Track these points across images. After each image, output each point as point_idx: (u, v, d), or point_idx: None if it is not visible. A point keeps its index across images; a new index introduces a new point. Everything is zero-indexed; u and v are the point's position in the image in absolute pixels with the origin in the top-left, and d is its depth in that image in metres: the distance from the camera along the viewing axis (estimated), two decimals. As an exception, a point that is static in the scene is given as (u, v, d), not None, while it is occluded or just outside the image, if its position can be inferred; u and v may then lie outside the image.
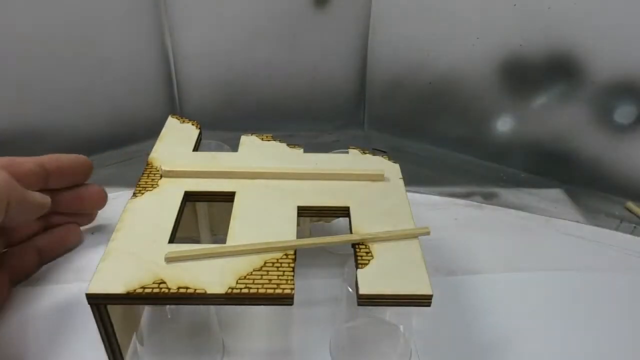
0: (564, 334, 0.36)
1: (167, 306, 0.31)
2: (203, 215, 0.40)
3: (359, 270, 0.29)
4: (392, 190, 0.36)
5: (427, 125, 0.60)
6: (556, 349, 0.35)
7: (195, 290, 0.28)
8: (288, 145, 0.40)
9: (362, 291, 0.28)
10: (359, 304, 0.28)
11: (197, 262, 0.29)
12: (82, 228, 0.42)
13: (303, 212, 0.34)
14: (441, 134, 0.60)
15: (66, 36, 0.52)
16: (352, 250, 0.31)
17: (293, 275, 0.29)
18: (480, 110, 0.57)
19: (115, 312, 0.30)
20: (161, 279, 0.28)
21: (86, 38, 0.53)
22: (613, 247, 0.44)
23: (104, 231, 0.42)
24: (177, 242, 0.31)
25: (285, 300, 0.28)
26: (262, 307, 0.36)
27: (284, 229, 0.32)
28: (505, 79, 0.54)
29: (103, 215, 0.42)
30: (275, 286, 0.28)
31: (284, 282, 0.28)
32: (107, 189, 0.42)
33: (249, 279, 0.28)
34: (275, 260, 0.30)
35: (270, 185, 0.36)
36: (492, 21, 0.51)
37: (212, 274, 0.29)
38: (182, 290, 0.28)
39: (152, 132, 0.42)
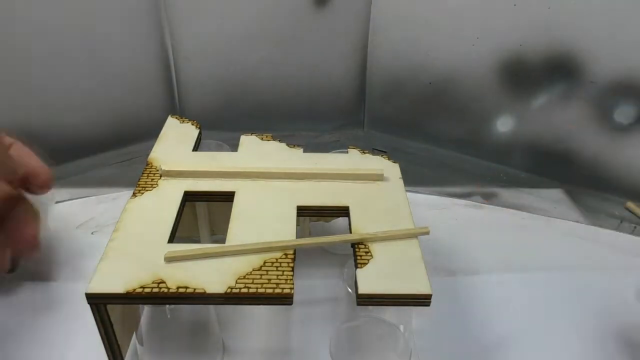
0: (564, 334, 0.36)
1: (167, 306, 0.31)
2: (203, 215, 0.40)
3: (358, 270, 0.29)
4: (392, 190, 0.36)
5: (427, 126, 0.60)
6: (556, 349, 0.35)
7: (194, 289, 0.28)
8: (288, 145, 0.40)
9: (361, 291, 0.28)
10: (359, 304, 0.28)
11: (197, 262, 0.29)
12: (81, 227, 0.42)
13: (303, 211, 0.34)
14: (441, 134, 0.60)
15: (66, 36, 0.52)
16: (351, 250, 0.31)
17: (292, 275, 0.29)
18: (480, 110, 0.57)
19: (115, 312, 0.30)
20: (161, 279, 0.28)
21: (86, 38, 0.53)
22: (613, 247, 0.44)
23: (104, 231, 0.42)
24: (176, 242, 0.31)
25: (285, 300, 0.28)
26: (262, 306, 0.36)
27: (283, 229, 0.32)
28: (505, 79, 0.54)
29: (103, 215, 0.43)
30: (274, 286, 0.28)
31: (284, 281, 0.28)
32: (108, 189, 0.42)
33: (248, 278, 0.28)
34: (275, 260, 0.30)
35: (270, 185, 0.36)
36: (492, 21, 0.51)
37: (211, 273, 0.29)
38: (181, 290, 0.28)
39: (152, 132, 0.42)
